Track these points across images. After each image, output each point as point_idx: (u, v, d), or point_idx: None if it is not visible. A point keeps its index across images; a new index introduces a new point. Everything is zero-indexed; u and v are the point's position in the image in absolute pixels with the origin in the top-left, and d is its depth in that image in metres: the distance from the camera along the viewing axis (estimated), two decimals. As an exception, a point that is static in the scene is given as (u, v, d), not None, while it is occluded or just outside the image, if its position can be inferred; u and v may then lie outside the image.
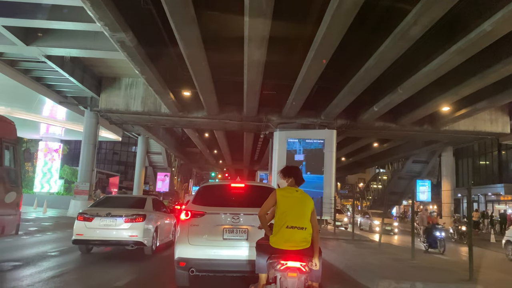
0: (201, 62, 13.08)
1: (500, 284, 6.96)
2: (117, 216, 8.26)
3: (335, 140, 19.70)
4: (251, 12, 9.27)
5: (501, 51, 11.91)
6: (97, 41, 15.13)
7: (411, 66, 13.36)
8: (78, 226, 8.27)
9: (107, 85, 20.98)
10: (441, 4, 8.89)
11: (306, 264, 3.83)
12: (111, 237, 8.20)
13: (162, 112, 20.52)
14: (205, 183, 7.08)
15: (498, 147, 30.57)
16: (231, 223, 5.45)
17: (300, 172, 4.32)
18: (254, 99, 16.97)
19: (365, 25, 11.38)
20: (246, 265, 5.20)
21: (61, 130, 31.91)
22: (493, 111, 21.01)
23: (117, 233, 8.21)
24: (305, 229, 3.93)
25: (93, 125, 22.90)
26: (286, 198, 4.03)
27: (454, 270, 7.75)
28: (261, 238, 4.40)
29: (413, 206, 10.73)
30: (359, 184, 59.46)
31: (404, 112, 18.85)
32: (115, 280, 6.20)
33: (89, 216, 8.31)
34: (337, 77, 15.32)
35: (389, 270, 7.50)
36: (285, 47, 13.37)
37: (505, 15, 9.05)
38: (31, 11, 12.94)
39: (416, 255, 9.24)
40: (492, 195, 31.26)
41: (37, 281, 5.87)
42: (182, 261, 5.37)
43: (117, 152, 50.10)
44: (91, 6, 9.97)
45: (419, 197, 34.47)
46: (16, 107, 25.28)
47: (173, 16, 9.97)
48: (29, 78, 19.90)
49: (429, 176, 35.21)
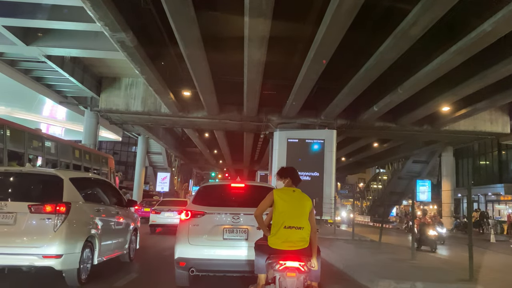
0: (201, 62, 13.07)
1: (500, 284, 6.95)
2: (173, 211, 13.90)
3: (335, 140, 19.70)
4: (251, 12, 9.27)
5: (501, 51, 11.90)
6: (97, 41, 15.11)
7: (411, 66, 13.35)
8: (152, 217, 14.75)
9: (107, 85, 20.96)
10: (441, 4, 8.88)
11: (305, 263, 3.84)
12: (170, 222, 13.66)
13: (162, 112, 20.51)
14: (205, 183, 7.08)
15: (498, 147, 30.53)
16: (231, 223, 5.45)
17: (296, 172, 4.34)
18: (254, 99, 16.96)
19: (365, 25, 11.37)
20: (246, 265, 5.20)
21: (61, 130, 31.89)
22: (493, 111, 20.99)
23: (172, 220, 13.52)
24: (303, 229, 3.94)
25: (93, 125, 22.89)
26: (283, 198, 4.04)
27: (454, 270, 7.74)
28: (260, 239, 4.41)
29: (413, 206, 10.72)
30: (359, 184, 59.39)
31: (404, 112, 18.84)
32: (115, 280, 6.20)
33: (159, 211, 14.71)
34: (337, 77, 15.32)
35: (389, 270, 7.49)
36: (285, 47, 13.36)
37: (505, 15, 9.04)
38: (31, 11, 12.92)
39: (416, 255, 9.23)
40: (492, 195, 31.22)
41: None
42: (182, 261, 5.37)
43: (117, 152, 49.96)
44: (91, 6, 9.96)
45: (419, 197, 34.45)
46: (16, 107, 25.27)
47: (173, 16, 9.96)
48: (29, 78, 19.89)
49: (429, 176, 35.19)
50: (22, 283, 5.82)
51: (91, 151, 14.13)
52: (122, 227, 7.35)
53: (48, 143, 10.56)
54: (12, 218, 5.11)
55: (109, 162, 14.11)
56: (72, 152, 11.54)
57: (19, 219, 5.12)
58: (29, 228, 5.15)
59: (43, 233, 5.15)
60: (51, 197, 5.38)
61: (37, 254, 5.04)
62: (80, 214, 5.67)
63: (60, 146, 11.27)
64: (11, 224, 5.09)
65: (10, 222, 5.09)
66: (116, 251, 7.08)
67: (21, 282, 5.82)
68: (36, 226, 5.18)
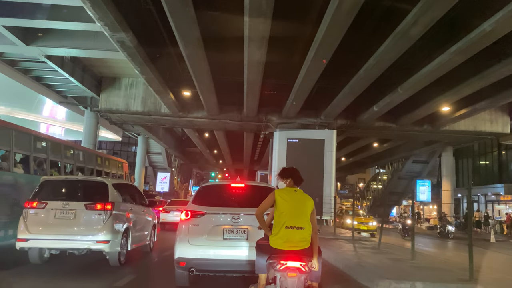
0: (201, 62, 13.07)
1: (500, 284, 6.95)
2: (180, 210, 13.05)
3: (335, 140, 19.69)
4: (251, 12, 9.26)
5: (501, 51, 11.89)
6: (97, 41, 15.11)
7: (411, 66, 13.35)
8: (162, 215, 16.32)
9: (107, 85, 20.96)
10: (441, 4, 8.88)
11: (306, 264, 3.84)
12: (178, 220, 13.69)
13: (162, 112, 20.51)
14: (205, 183, 7.07)
15: (498, 147, 30.55)
16: (231, 223, 5.45)
17: (298, 172, 4.33)
18: (254, 99, 16.96)
19: (365, 25, 11.37)
20: (246, 265, 5.20)
21: (61, 130, 31.90)
22: (493, 111, 20.99)
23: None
24: (304, 229, 3.94)
25: (93, 125, 22.88)
26: (284, 199, 4.04)
27: (454, 270, 7.74)
28: (261, 238, 4.41)
29: (413, 206, 10.73)
30: (359, 184, 59.40)
31: (404, 112, 18.84)
32: (115, 280, 6.20)
33: (168, 210, 16.64)
34: (337, 77, 15.31)
35: (389, 270, 7.50)
36: (285, 47, 13.36)
37: (505, 15, 9.04)
38: (31, 11, 12.92)
39: (416, 255, 9.23)
40: (492, 195, 31.25)
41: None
42: (182, 261, 5.38)
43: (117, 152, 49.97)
44: (91, 6, 9.96)
45: (419, 197, 34.48)
46: (16, 107, 25.28)
47: (173, 16, 9.96)
48: (29, 78, 19.90)
49: (429, 176, 35.20)
50: (75, 264, 7.46)
51: (110, 158, 16.02)
52: (146, 222, 9.04)
53: (78, 152, 12.39)
54: (73, 214, 6.89)
55: (124, 167, 15.75)
56: (95, 159, 13.29)
57: (78, 214, 6.91)
58: (85, 221, 6.93)
59: (96, 225, 6.93)
60: (100, 198, 7.11)
61: (92, 240, 6.84)
62: (120, 211, 7.44)
63: (86, 154, 13.09)
64: (72, 218, 6.88)
65: (71, 217, 6.88)
66: (141, 242, 8.69)
67: (74, 263, 7.49)
68: (90, 220, 6.96)
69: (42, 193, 7.16)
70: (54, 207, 6.90)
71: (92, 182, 8.14)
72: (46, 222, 6.84)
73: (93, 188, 7.66)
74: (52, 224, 6.82)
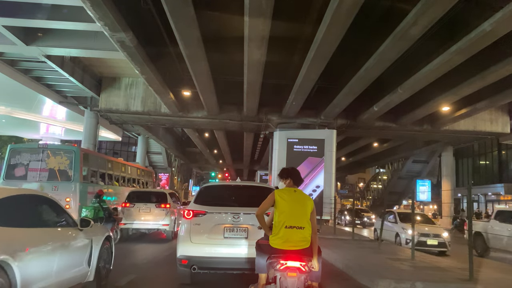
0: (201, 62, 13.08)
1: (500, 284, 6.96)
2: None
3: (335, 140, 19.70)
4: (251, 12, 9.27)
5: (501, 51, 11.90)
6: (97, 41, 15.10)
7: (411, 66, 13.36)
8: None
9: (107, 85, 20.96)
10: (441, 4, 8.88)
11: (306, 263, 3.84)
12: None
13: (162, 112, 20.51)
14: (206, 183, 7.15)
15: (498, 147, 30.57)
16: (232, 222, 5.57)
17: (298, 172, 4.35)
18: (254, 99, 16.97)
19: (365, 25, 11.38)
20: (246, 263, 5.33)
21: (61, 130, 31.87)
22: (493, 111, 21.00)
23: None
24: (304, 229, 3.95)
25: (93, 125, 22.86)
26: (284, 199, 4.05)
27: (453, 270, 7.75)
28: (261, 238, 4.44)
29: (413, 206, 10.69)
30: (359, 184, 59.46)
31: (404, 112, 18.86)
32: (115, 279, 6.21)
33: None
34: (337, 77, 15.33)
35: (389, 270, 7.50)
36: (285, 47, 13.37)
37: (505, 15, 9.05)
38: (31, 11, 12.90)
39: (415, 255, 9.24)
40: (492, 195, 31.28)
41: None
42: (184, 259, 5.54)
43: (117, 152, 49.88)
44: (91, 6, 9.96)
45: (419, 197, 34.48)
46: (16, 107, 25.26)
47: (173, 16, 9.97)
48: (29, 78, 19.87)
49: (429, 176, 35.22)
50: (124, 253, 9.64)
51: (144, 169, 22.04)
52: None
53: (128, 167, 18.76)
54: (149, 209, 12.43)
55: (152, 175, 20.98)
56: (136, 171, 19.70)
57: (151, 210, 12.47)
58: (155, 214, 12.46)
59: (162, 216, 12.46)
60: (162, 201, 12.71)
61: (160, 224, 12.43)
62: (173, 208, 13.02)
63: (132, 168, 19.36)
64: (148, 212, 12.43)
65: (148, 212, 12.42)
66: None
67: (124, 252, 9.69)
68: (159, 213, 12.48)
69: (130, 198, 12.76)
70: (138, 206, 12.39)
71: (157, 192, 14.25)
72: (134, 214, 12.33)
73: (158, 195, 13.12)
74: (137, 215, 12.31)
